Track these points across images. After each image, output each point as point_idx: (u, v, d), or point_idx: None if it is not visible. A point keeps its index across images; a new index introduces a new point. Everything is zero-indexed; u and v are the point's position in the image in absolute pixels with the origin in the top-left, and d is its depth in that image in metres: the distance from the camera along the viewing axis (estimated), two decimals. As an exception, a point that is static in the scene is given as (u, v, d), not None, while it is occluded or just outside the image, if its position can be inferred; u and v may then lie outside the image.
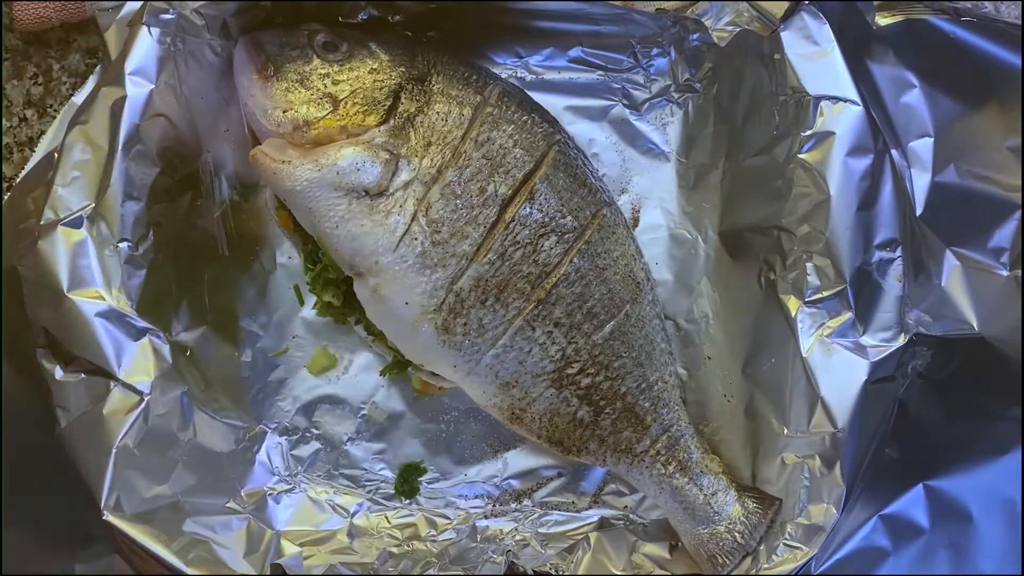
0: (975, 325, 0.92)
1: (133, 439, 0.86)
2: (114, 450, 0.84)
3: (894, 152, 0.92)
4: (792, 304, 0.92)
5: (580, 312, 0.93)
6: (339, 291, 0.96)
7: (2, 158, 1.01)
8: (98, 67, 0.94)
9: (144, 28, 0.86)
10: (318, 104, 0.88)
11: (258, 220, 1.01)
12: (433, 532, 1.00)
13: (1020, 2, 0.93)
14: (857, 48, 0.91)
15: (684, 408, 0.98)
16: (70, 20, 1.00)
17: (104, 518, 0.84)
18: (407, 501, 1.02)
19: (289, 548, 0.94)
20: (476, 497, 1.03)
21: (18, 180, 0.92)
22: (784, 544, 0.91)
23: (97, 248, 0.85)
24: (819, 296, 0.91)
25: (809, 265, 0.91)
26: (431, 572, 0.94)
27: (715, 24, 0.95)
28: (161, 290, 0.91)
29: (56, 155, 0.86)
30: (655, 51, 1.01)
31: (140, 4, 0.87)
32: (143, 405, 0.86)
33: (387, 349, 0.98)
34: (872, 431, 0.91)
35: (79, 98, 0.93)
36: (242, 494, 0.96)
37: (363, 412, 1.03)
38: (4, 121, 1.02)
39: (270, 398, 1.02)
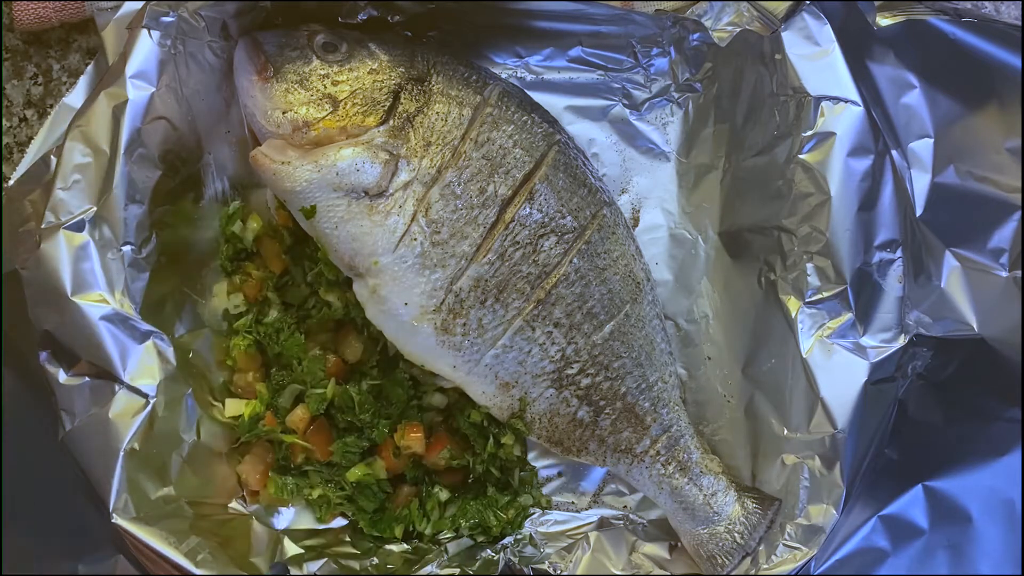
0: (975, 326, 0.92)
1: (140, 441, 0.86)
2: (121, 453, 0.85)
3: (894, 153, 0.92)
4: (792, 305, 0.92)
5: (580, 312, 0.93)
6: (341, 292, 0.97)
7: (2, 158, 1.01)
8: (90, 67, 0.93)
9: (144, 31, 0.86)
10: (318, 105, 0.88)
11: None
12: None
13: (1020, 2, 0.92)
14: (858, 48, 0.91)
15: (684, 408, 0.99)
16: (70, 20, 1.00)
17: (113, 521, 0.84)
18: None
19: (291, 548, 0.94)
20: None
21: (11, 182, 0.92)
22: (784, 544, 0.92)
23: (100, 251, 0.85)
24: (819, 297, 0.91)
25: (809, 266, 0.91)
26: (429, 570, 0.94)
27: (715, 24, 0.95)
28: (164, 292, 0.92)
29: (54, 158, 0.87)
30: (655, 51, 1.01)
31: (140, 6, 0.87)
32: (149, 407, 0.87)
33: None
34: (872, 432, 0.92)
35: (71, 99, 0.93)
36: (244, 494, 0.97)
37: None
38: (4, 121, 1.02)
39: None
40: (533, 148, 0.93)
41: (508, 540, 0.99)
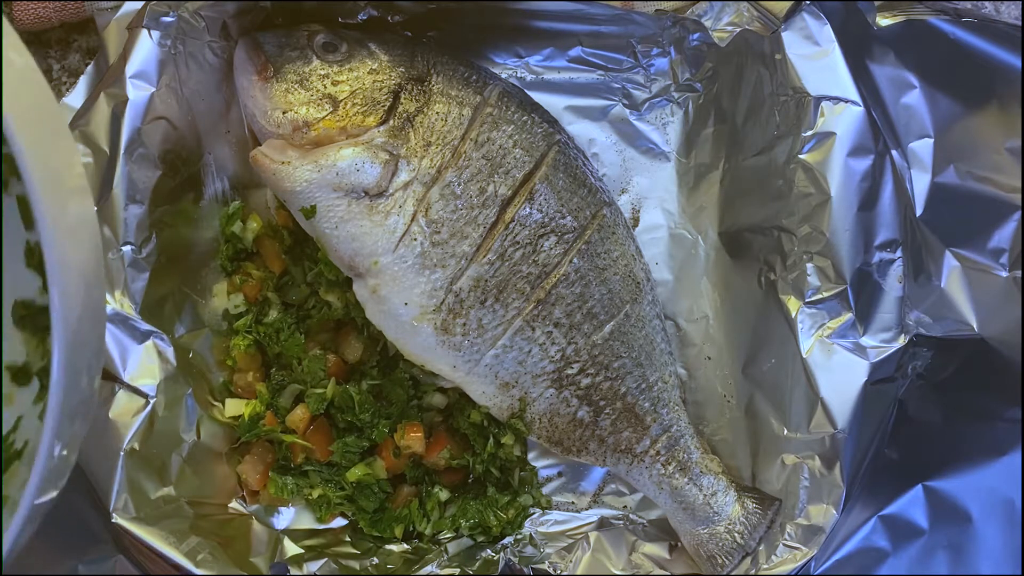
0: (975, 326, 0.92)
1: (140, 441, 0.86)
2: (122, 453, 0.85)
3: (894, 153, 0.92)
4: (792, 304, 0.92)
5: (580, 312, 0.93)
6: (341, 292, 0.97)
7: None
8: (90, 67, 0.93)
9: (144, 31, 0.86)
10: (318, 105, 0.88)
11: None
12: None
13: (1020, 2, 0.92)
14: (858, 48, 0.90)
15: (684, 408, 0.99)
16: (70, 20, 1.00)
17: (113, 521, 0.84)
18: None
19: (291, 548, 0.94)
20: (476, 496, 1.03)
21: None
22: (784, 544, 0.92)
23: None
24: (819, 297, 0.91)
25: (809, 266, 0.91)
26: (429, 570, 0.94)
27: (715, 24, 0.95)
28: (164, 292, 0.92)
29: (55, 158, 0.86)
30: (655, 51, 1.01)
31: (140, 5, 0.87)
32: (149, 407, 0.87)
33: None
34: (872, 432, 0.92)
35: (71, 99, 0.93)
36: (244, 494, 0.97)
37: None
38: (5, 122, 1.02)
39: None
40: (533, 148, 0.93)
41: (508, 540, 0.99)
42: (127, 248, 0.87)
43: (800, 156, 0.90)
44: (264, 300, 0.98)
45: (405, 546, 0.98)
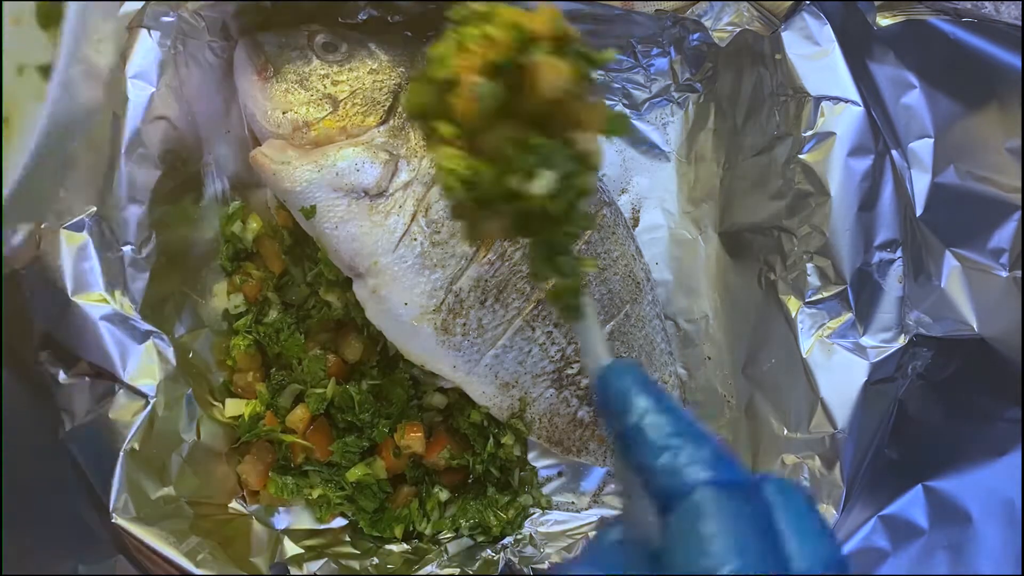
0: (975, 326, 0.92)
1: (140, 441, 0.86)
2: (121, 453, 0.85)
3: (894, 153, 0.91)
4: (792, 304, 0.92)
5: (580, 312, 0.93)
6: (341, 292, 0.97)
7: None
8: None
9: (144, 31, 0.86)
10: (318, 105, 0.89)
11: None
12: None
13: (1020, 2, 0.92)
14: (858, 48, 0.90)
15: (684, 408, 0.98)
16: (70, 20, 1.00)
17: (113, 521, 0.84)
18: (409, 500, 1.03)
19: (291, 548, 0.94)
20: (476, 496, 1.03)
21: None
22: (783, 544, 0.92)
23: (100, 251, 0.85)
24: (819, 297, 0.91)
25: (809, 266, 0.91)
26: (429, 570, 0.94)
27: (715, 24, 0.95)
28: (164, 292, 0.92)
29: (55, 158, 0.87)
30: (655, 51, 1.01)
31: (140, 5, 0.87)
32: (149, 407, 0.87)
33: None
34: (872, 432, 0.91)
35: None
36: (244, 494, 0.97)
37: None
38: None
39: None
40: (533, 148, 0.93)
41: (508, 540, 0.99)
42: (127, 248, 0.87)
43: (800, 156, 0.90)
44: (264, 300, 0.98)
45: (405, 546, 0.98)
